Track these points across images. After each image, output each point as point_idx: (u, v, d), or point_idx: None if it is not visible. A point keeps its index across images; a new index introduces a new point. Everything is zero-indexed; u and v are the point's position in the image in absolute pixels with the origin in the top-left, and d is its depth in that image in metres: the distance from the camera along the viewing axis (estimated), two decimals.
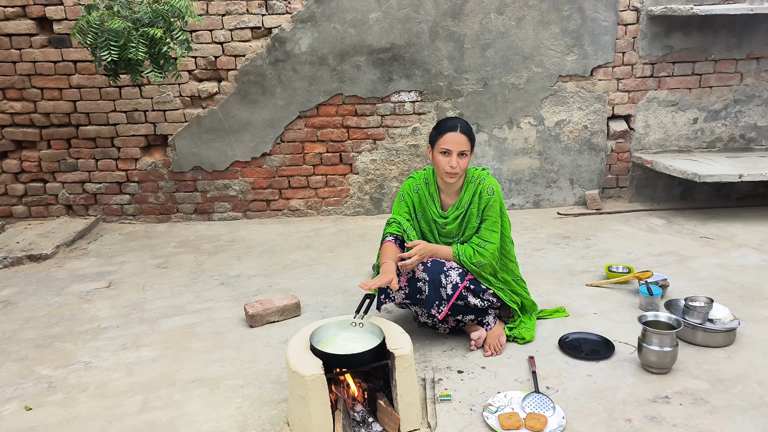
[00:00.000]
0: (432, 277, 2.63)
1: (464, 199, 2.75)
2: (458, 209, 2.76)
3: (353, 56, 4.47)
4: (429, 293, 2.62)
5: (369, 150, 4.69)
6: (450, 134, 2.64)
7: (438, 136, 2.67)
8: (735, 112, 4.65)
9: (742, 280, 3.37)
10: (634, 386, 2.42)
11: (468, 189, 2.76)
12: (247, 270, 3.83)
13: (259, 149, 4.67)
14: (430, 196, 2.81)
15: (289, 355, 2.17)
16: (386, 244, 2.74)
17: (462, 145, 2.63)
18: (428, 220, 2.83)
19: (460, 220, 2.76)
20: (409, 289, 2.68)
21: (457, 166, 2.63)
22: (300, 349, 2.21)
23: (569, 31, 4.42)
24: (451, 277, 2.65)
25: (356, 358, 2.13)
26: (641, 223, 4.40)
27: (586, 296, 3.26)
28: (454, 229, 2.78)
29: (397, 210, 2.88)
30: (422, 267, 2.65)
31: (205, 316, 3.20)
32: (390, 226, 2.81)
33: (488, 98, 4.55)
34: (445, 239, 2.83)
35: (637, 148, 4.70)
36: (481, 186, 2.74)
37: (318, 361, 2.11)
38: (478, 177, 2.76)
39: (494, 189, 2.74)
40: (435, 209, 2.80)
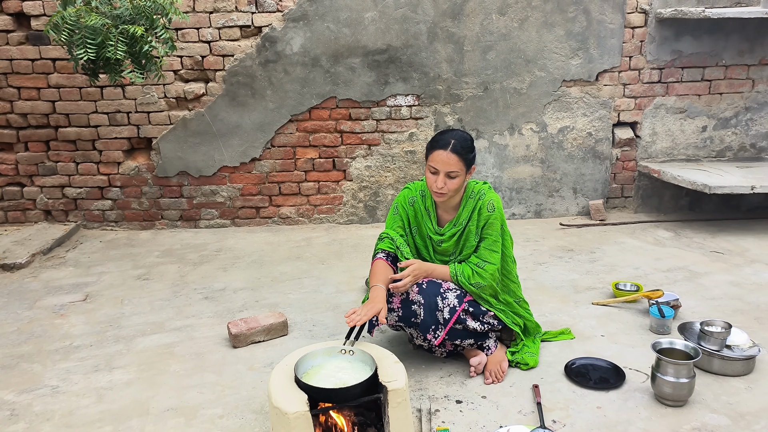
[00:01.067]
0: (427, 299, 2.42)
1: (462, 216, 2.55)
2: (455, 226, 2.55)
3: (347, 57, 4.26)
4: (424, 317, 2.41)
5: (363, 156, 4.48)
6: (439, 152, 2.40)
7: (429, 152, 2.45)
8: (746, 120, 4.46)
9: (757, 300, 3.18)
10: (648, 421, 2.22)
11: (467, 205, 2.55)
12: (233, 283, 3.61)
13: (248, 154, 4.46)
14: (425, 211, 2.61)
15: (272, 387, 1.96)
16: (377, 262, 2.53)
17: (451, 166, 2.38)
18: (423, 236, 2.62)
19: (457, 238, 2.56)
20: (402, 312, 2.48)
21: (444, 187, 2.40)
22: (283, 380, 2.00)
23: (574, 33, 4.23)
24: (449, 299, 2.44)
25: (345, 393, 1.92)
26: (648, 235, 4.21)
27: (593, 316, 3.06)
28: (451, 246, 2.57)
29: (390, 224, 2.67)
30: (417, 289, 2.45)
31: (186, 335, 2.99)
32: (382, 242, 2.60)
33: (489, 103, 4.35)
34: (441, 257, 2.62)
35: (643, 157, 4.50)
36: (481, 202, 2.53)
37: (302, 396, 1.90)
38: (479, 192, 2.55)
39: (495, 205, 2.53)
40: (431, 225, 2.60)
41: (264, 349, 2.83)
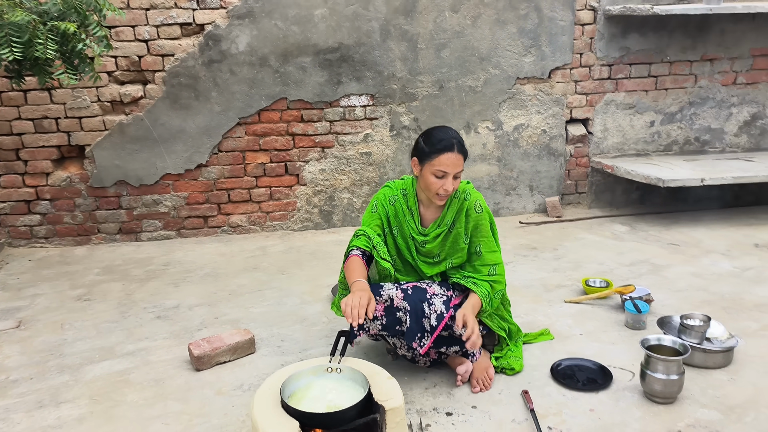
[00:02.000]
0: (414, 306, 2.28)
1: (447, 216, 2.43)
2: (440, 227, 2.43)
3: (298, 57, 4.07)
4: (410, 325, 2.28)
5: (317, 159, 4.29)
6: (448, 155, 2.26)
7: (432, 155, 2.29)
8: (690, 114, 4.60)
9: (721, 290, 3.24)
10: (642, 421, 2.17)
11: (452, 205, 2.44)
12: (186, 299, 3.35)
13: (193, 160, 4.18)
14: (408, 210, 2.47)
15: (256, 415, 1.77)
16: (353, 258, 2.36)
17: (458, 167, 2.29)
18: (405, 237, 2.48)
19: (441, 239, 2.44)
20: (386, 320, 2.33)
21: (452, 189, 2.31)
22: (268, 406, 1.81)
23: (526, 30, 4.21)
24: (435, 305, 2.31)
25: (341, 416, 1.76)
26: (605, 230, 4.25)
27: (568, 315, 3.02)
28: (435, 248, 2.45)
29: (367, 221, 2.51)
30: (402, 294, 2.31)
31: (141, 359, 2.72)
32: (358, 239, 2.43)
33: (444, 102, 4.27)
34: (424, 258, 2.49)
35: (595, 153, 4.56)
36: (468, 203, 2.42)
37: (293, 423, 1.73)
38: (463, 191, 2.44)
39: (482, 206, 2.43)
40: (413, 225, 2.46)
41: (231, 370, 2.61)
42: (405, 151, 4.35)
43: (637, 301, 2.86)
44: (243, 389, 2.45)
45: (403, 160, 4.37)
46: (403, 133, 4.31)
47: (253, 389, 2.44)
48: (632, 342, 2.73)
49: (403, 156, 4.36)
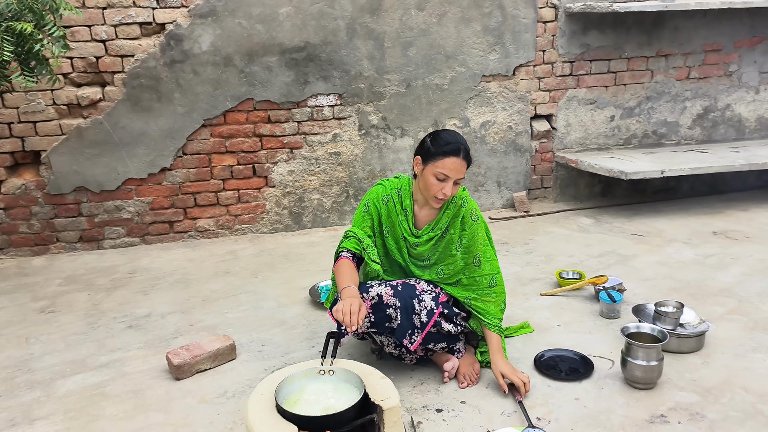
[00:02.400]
0: (404, 302, 2.28)
1: (443, 221, 2.43)
2: (434, 230, 2.43)
3: (263, 56, 4.00)
4: (401, 321, 2.27)
5: (285, 160, 4.24)
6: (453, 159, 2.26)
7: (436, 156, 2.28)
8: (647, 108, 4.75)
9: (686, 277, 3.36)
10: (626, 407, 2.23)
11: (448, 209, 2.44)
12: (158, 307, 3.25)
13: (157, 164, 4.07)
14: (402, 210, 2.46)
15: (252, 421, 1.74)
16: (343, 261, 2.35)
17: (461, 173, 2.29)
18: (397, 237, 2.47)
19: (434, 243, 2.44)
20: (375, 317, 2.31)
21: (450, 194, 2.31)
22: (263, 411, 1.78)
23: (491, 28, 4.27)
24: (425, 301, 2.32)
25: (339, 418, 1.74)
26: (571, 223, 4.35)
27: (544, 307, 3.07)
28: (426, 251, 2.45)
29: (358, 221, 2.49)
30: (392, 291, 2.30)
31: (116, 371, 2.62)
32: (348, 240, 2.41)
33: (412, 100, 4.28)
34: (414, 261, 2.49)
35: (559, 148, 4.66)
36: (464, 210, 2.43)
37: (291, 428, 1.70)
38: (460, 198, 2.44)
39: (478, 215, 2.45)
40: (407, 226, 2.45)
41: (213, 377, 2.55)
42: (374, 151, 4.34)
43: (610, 291, 2.93)
44: (227, 396, 2.40)
45: (372, 160, 4.36)
46: (372, 133, 4.30)
47: (237, 396, 2.39)
48: (608, 331, 2.80)
49: (372, 155, 4.35)
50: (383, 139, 4.33)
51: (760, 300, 3.04)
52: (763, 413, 2.16)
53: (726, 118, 4.93)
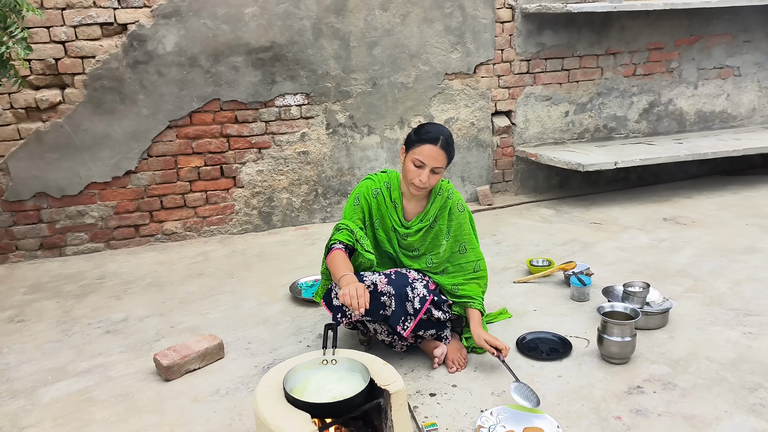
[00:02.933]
0: (398, 290, 2.36)
1: (431, 212, 2.52)
2: (423, 221, 2.52)
3: (229, 56, 3.99)
4: (396, 308, 2.35)
5: (254, 160, 4.24)
6: (429, 147, 2.35)
7: (415, 144, 2.38)
8: (598, 104, 5.00)
9: (645, 261, 3.58)
10: (605, 381, 2.39)
11: (435, 201, 2.53)
12: (134, 311, 3.21)
13: (121, 167, 3.99)
14: (391, 202, 2.53)
15: (264, 412, 1.77)
16: (336, 252, 2.39)
17: (438, 162, 2.37)
18: (387, 229, 2.55)
19: (423, 233, 2.53)
20: (370, 305, 2.36)
21: (427, 182, 2.39)
22: (273, 402, 1.82)
23: (452, 28, 4.40)
24: (417, 289, 2.41)
25: (349, 404, 1.80)
26: (534, 214, 4.54)
27: (519, 293, 3.22)
28: (416, 241, 2.54)
29: (349, 214, 2.55)
30: (386, 279, 2.38)
31: (100, 376, 2.59)
32: (340, 233, 2.45)
33: (378, 98, 4.36)
34: (405, 252, 2.57)
35: (519, 143, 4.84)
36: (451, 201, 2.53)
37: (304, 415, 1.74)
38: (446, 190, 2.55)
39: (463, 205, 2.57)
40: (396, 217, 2.53)
41: (203, 376, 2.55)
42: (342, 149, 4.40)
43: (580, 275, 3.10)
44: (221, 394, 2.41)
45: (341, 158, 4.41)
46: (340, 131, 4.36)
47: (231, 393, 2.41)
48: (580, 313, 2.96)
49: (340, 154, 4.40)
50: (351, 138, 4.39)
51: (713, 278, 3.28)
52: (726, 380, 2.35)
53: (669, 112, 5.25)
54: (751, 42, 5.25)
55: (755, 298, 3.02)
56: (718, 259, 3.54)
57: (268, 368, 2.58)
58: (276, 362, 2.63)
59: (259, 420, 1.78)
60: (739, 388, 2.29)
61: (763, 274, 3.30)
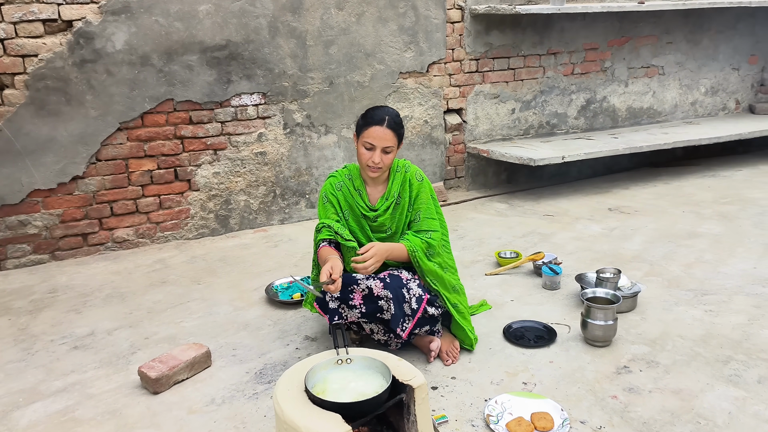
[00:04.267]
0: (395, 293, 2.38)
1: (393, 189, 2.55)
2: (388, 199, 2.55)
3: (183, 55, 3.84)
4: (395, 311, 2.37)
5: (210, 162, 4.10)
6: (375, 128, 2.39)
7: (363, 128, 2.43)
8: (541, 101, 5.22)
9: (601, 248, 3.78)
10: (593, 363, 2.51)
11: (395, 178, 2.57)
12: (99, 324, 3.02)
13: (67, 172, 3.74)
14: (356, 191, 2.55)
15: (291, 415, 1.73)
16: (322, 249, 2.45)
17: (387, 141, 2.40)
18: (357, 217, 2.56)
19: (391, 211, 2.56)
20: (366, 308, 2.40)
21: (380, 162, 2.41)
22: (298, 404, 1.78)
23: (405, 28, 4.45)
24: (413, 289, 2.43)
25: (376, 401, 1.79)
26: (488, 209, 4.67)
27: (493, 285, 3.31)
28: (387, 220, 2.56)
29: (323, 214, 2.56)
30: (381, 284, 2.39)
31: (80, 394, 2.42)
32: (320, 232, 2.50)
33: (335, 98, 4.34)
34: (377, 235, 2.58)
35: (469, 140, 4.97)
36: (409, 174, 2.57)
37: (335, 416, 1.72)
38: (404, 165, 2.59)
39: (421, 175, 2.60)
40: (363, 203, 2.55)
41: (193, 387, 2.45)
42: (300, 149, 4.34)
43: (551, 265, 3.24)
44: (217, 404, 2.33)
45: (298, 158, 4.35)
46: (297, 131, 4.30)
47: (228, 401, 2.34)
48: (555, 301, 3.10)
49: (297, 154, 4.34)
50: (308, 137, 4.34)
51: (667, 262, 3.52)
52: (701, 354, 2.54)
53: (603, 109, 5.57)
54: (672, 43, 5.67)
55: (707, 279, 3.28)
56: (666, 244, 3.80)
57: (260, 373, 2.52)
58: (267, 367, 2.58)
59: (287, 425, 1.74)
60: (714, 361, 2.49)
61: (709, 256, 3.59)
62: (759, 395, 2.26)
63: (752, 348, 2.58)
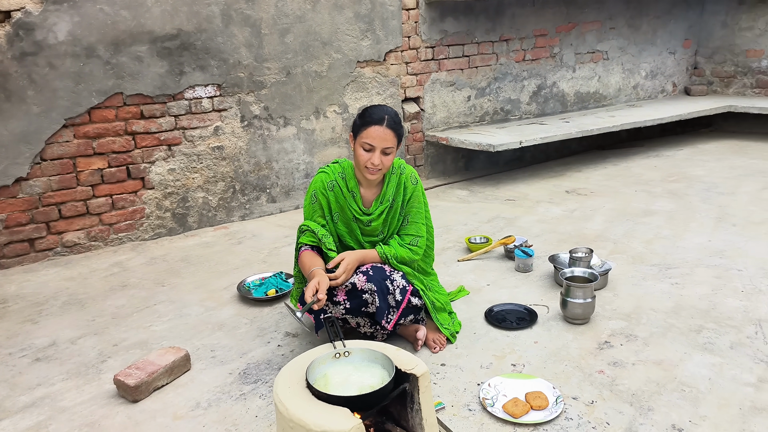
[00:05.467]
0: (379, 285, 2.34)
1: (388, 193, 2.50)
2: (383, 203, 2.49)
3: (132, 45, 3.64)
4: (380, 304, 2.33)
5: (164, 158, 3.91)
6: (375, 128, 2.31)
7: (361, 128, 2.33)
8: (496, 88, 5.28)
9: (564, 229, 3.87)
10: (576, 340, 2.56)
11: (390, 181, 2.50)
12: (61, 333, 2.84)
13: (9, 174, 3.48)
14: (349, 192, 2.47)
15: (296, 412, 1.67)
16: (305, 252, 2.40)
17: (387, 142, 2.32)
18: (348, 220, 2.49)
19: (385, 215, 2.50)
20: (350, 304, 2.34)
21: (380, 164, 2.34)
22: (301, 401, 1.72)
23: (362, 15, 4.38)
24: (397, 281, 2.40)
25: (383, 393, 1.75)
26: (450, 196, 4.69)
27: (467, 271, 3.33)
28: (379, 225, 2.51)
29: (308, 214, 2.48)
30: (365, 277, 2.34)
31: (50, 408, 2.26)
32: (304, 235, 2.43)
33: (293, 88, 4.23)
34: (368, 239, 2.53)
35: (427, 128, 4.97)
36: (404, 176, 2.52)
37: (344, 410, 1.67)
38: (399, 167, 2.53)
39: (416, 178, 2.55)
40: (356, 206, 2.48)
41: (174, 391, 2.34)
42: (258, 142, 4.21)
43: (523, 248, 3.28)
44: (203, 407, 2.23)
45: (257, 152, 4.23)
46: (255, 123, 4.17)
47: (214, 404, 2.24)
48: (530, 283, 3.14)
49: (256, 147, 4.21)
50: (267, 130, 4.22)
51: (628, 240, 3.64)
52: (675, 325, 2.63)
53: (554, 94, 5.69)
54: (615, 29, 5.85)
55: (668, 254, 3.41)
56: (625, 223, 3.93)
57: (244, 374, 2.43)
58: (251, 367, 2.49)
59: (293, 422, 1.67)
60: (688, 331, 2.58)
61: (666, 232, 3.73)
62: (734, 360, 2.36)
63: (720, 316, 2.70)
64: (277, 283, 3.12)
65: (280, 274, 3.21)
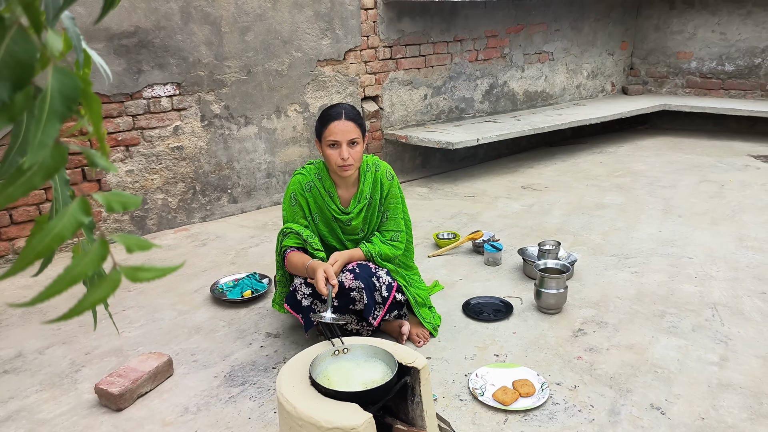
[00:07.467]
0: (366, 282, 2.37)
1: (365, 190, 2.53)
2: (360, 201, 2.52)
3: (88, 42, 3.47)
4: (367, 301, 2.36)
5: (121, 159, 3.78)
6: (335, 123, 2.35)
7: (323, 128, 2.38)
8: (450, 87, 5.38)
9: (525, 223, 4.01)
10: (552, 329, 2.68)
11: (366, 178, 2.54)
12: (26, 344, 2.70)
13: None
14: (326, 193, 2.49)
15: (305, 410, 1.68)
16: (293, 253, 2.41)
17: (351, 133, 2.36)
18: (327, 220, 2.51)
19: (364, 213, 2.53)
20: (338, 302, 2.36)
21: (350, 158, 2.37)
22: (308, 399, 1.73)
23: (321, 14, 4.37)
24: (382, 277, 2.44)
25: (388, 387, 1.78)
26: (411, 193, 4.76)
27: (440, 266, 3.40)
28: (359, 224, 2.53)
29: (289, 216, 2.48)
30: (352, 275, 2.37)
31: (28, 421, 2.17)
32: (287, 238, 2.44)
33: (254, 87, 4.17)
34: (350, 237, 2.56)
35: (386, 126, 5.01)
36: (379, 173, 2.56)
37: (353, 405, 1.69)
38: (373, 163, 2.57)
39: (392, 173, 2.59)
40: (335, 206, 2.50)
41: (160, 397, 2.28)
42: (219, 142, 4.13)
43: (492, 242, 3.38)
44: (192, 412, 2.19)
45: (218, 152, 4.15)
46: (216, 123, 4.09)
47: (204, 409, 2.21)
48: (500, 276, 3.24)
49: (217, 147, 4.13)
50: (227, 129, 4.15)
51: (587, 232, 3.81)
52: (640, 312, 2.80)
53: (504, 93, 5.86)
54: (559, 30, 6.09)
55: (624, 244, 3.60)
56: (581, 216, 4.11)
57: (229, 376, 2.40)
58: (235, 369, 2.46)
59: (303, 420, 1.68)
60: (652, 316, 2.75)
61: (620, 224, 3.93)
62: (697, 342, 2.54)
63: (679, 301, 2.88)
64: (252, 283, 3.09)
65: (253, 275, 3.17)
